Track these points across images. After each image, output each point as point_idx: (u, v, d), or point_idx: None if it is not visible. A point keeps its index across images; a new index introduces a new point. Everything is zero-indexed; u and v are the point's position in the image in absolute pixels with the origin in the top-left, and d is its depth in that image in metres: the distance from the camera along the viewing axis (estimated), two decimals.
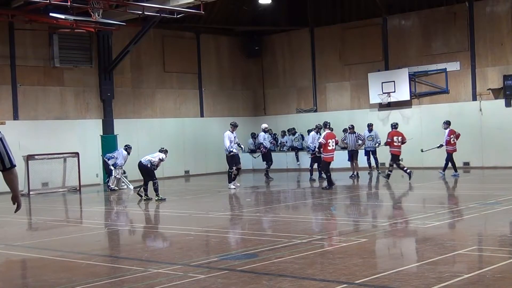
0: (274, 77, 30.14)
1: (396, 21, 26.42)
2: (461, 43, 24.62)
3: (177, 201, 17.55)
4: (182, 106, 27.74)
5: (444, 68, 24.95)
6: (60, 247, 10.44)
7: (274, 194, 18.38)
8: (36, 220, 14.56)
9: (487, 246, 9.21)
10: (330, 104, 28.36)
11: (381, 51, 26.60)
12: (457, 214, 12.51)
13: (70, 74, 24.10)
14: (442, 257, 8.17)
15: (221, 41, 29.47)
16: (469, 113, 24.09)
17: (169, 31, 26.91)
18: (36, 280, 7.66)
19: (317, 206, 15.46)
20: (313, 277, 7.28)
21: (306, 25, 28.79)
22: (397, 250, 9.51)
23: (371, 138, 23.44)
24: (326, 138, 18.33)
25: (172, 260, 8.81)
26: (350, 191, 18.69)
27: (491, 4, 24.13)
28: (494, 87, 23.80)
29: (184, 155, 26.99)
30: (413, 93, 25.64)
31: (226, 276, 7.54)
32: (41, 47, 23.36)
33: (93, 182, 23.54)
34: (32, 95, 23.00)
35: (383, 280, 7.07)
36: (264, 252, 8.98)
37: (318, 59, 28.59)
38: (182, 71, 27.70)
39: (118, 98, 25.27)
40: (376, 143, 23.34)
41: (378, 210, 14.43)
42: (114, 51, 24.83)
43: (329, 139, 18.26)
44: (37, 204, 18.30)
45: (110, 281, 7.64)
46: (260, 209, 14.84)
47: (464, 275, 7.15)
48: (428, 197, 16.13)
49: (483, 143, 23.88)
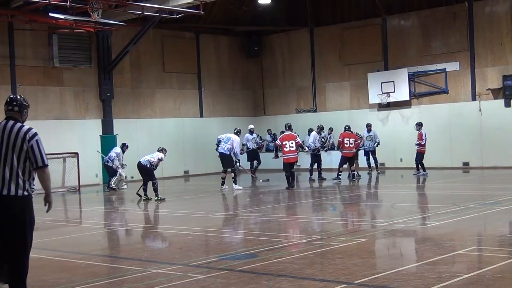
0: (274, 77, 30.14)
1: (395, 21, 26.42)
2: (460, 43, 24.62)
3: (176, 201, 17.55)
4: (181, 106, 27.74)
5: (444, 68, 24.95)
6: (60, 247, 10.45)
7: (273, 194, 18.37)
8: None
9: (487, 246, 9.22)
10: (330, 104, 28.36)
11: (381, 51, 26.61)
12: (457, 214, 12.50)
13: (70, 74, 24.09)
14: (442, 257, 8.18)
15: (221, 41, 29.47)
16: (469, 113, 24.10)
17: (168, 31, 26.90)
18: (36, 280, 7.66)
19: (317, 206, 15.46)
20: (313, 277, 7.29)
21: (305, 25, 28.79)
22: (396, 250, 9.51)
23: (370, 138, 23.45)
24: (281, 140, 19.16)
25: (172, 260, 8.81)
26: (349, 191, 18.69)
27: (490, 4, 24.13)
28: (494, 87, 23.80)
29: (183, 155, 26.99)
30: (413, 93, 25.64)
31: (226, 276, 7.55)
32: (41, 47, 23.36)
33: (93, 182, 23.53)
34: (32, 95, 22.95)
35: (383, 280, 7.07)
36: (263, 252, 8.98)
37: (318, 59, 28.59)
38: (182, 71, 27.69)
39: (117, 98, 25.26)
40: (375, 143, 23.34)
41: (377, 210, 14.43)
42: (114, 51, 24.82)
43: (284, 141, 18.93)
44: (37, 204, 18.24)
45: (110, 281, 7.65)
46: (259, 209, 14.83)
47: (464, 275, 7.15)
48: (427, 197, 16.14)
49: (483, 143, 23.88)
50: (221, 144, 19.59)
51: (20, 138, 6.28)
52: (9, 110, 6.48)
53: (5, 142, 6.29)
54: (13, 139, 6.28)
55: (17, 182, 6.26)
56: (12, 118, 6.43)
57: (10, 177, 6.25)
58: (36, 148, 6.30)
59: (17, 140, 6.28)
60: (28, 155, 6.29)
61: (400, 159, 25.20)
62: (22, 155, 6.29)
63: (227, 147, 19.32)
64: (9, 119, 6.44)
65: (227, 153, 19.35)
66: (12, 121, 6.41)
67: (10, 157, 6.26)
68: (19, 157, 6.28)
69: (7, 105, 6.49)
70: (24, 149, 6.28)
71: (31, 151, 6.28)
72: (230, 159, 19.48)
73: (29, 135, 6.30)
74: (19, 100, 6.54)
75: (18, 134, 6.29)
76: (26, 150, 6.28)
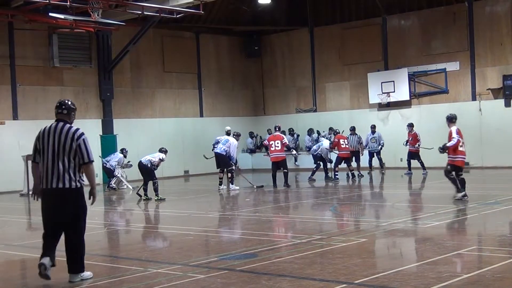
0: (274, 77, 30.14)
1: (395, 21, 26.42)
2: (460, 43, 24.62)
3: (176, 201, 17.55)
4: (181, 106, 27.74)
5: (444, 68, 24.95)
6: (59, 247, 10.42)
7: (273, 194, 18.36)
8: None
9: (487, 246, 9.22)
10: (330, 104, 28.36)
11: (381, 51, 26.61)
12: (457, 214, 12.51)
13: (70, 74, 24.10)
14: (442, 257, 8.17)
15: (221, 41, 29.47)
16: (469, 113, 24.08)
17: (168, 31, 26.90)
18: (35, 280, 7.66)
19: (317, 206, 15.45)
20: (313, 277, 7.28)
21: (305, 25, 28.79)
22: (396, 250, 9.51)
23: (374, 140, 23.41)
24: (268, 140, 19.90)
25: (172, 260, 8.81)
26: (349, 191, 18.68)
27: (490, 4, 24.13)
28: (494, 87, 23.81)
29: (183, 155, 26.99)
30: (413, 93, 25.64)
31: (226, 276, 7.54)
32: (41, 47, 23.36)
33: None
34: (32, 95, 23.01)
35: (383, 280, 7.07)
36: (263, 252, 8.97)
37: (318, 59, 28.59)
38: (182, 71, 27.70)
39: (117, 98, 25.26)
40: (379, 145, 23.30)
41: (377, 210, 14.42)
42: (114, 51, 24.83)
43: (271, 141, 19.63)
44: (37, 204, 18.24)
45: (110, 281, 7.64)
46: (260, 209, 14.83)
47: (464, 275, 7.15)
48: (427, 197, 16.13)
49: (483, 143, 23.89)
50: (218, 145, 19.68)
51: (69, 137, 7.36)
52: (59, 113, 7.56)
53: (57, 141, 7.36)
54: (63, 138, 7.36)
55: (70, 176, 7.35)
56: (62, 120, 7.51)
57: (63, 172, 7.33)
58: (83, 146, 7.39)
59: (67, 139, 7.36)
60: (76, 153, 7.36)
61: (400, 159, 25.16)
62: (71, 152, 7.37)
63: (224, 148, 19.38)
64: (59, 121, 7.51)
65: (223, 153, 19.39)
66: (62, 122, 7.49)
67: (62, 155, 7.34)
68: (69, 154, 7.36)
69: (57, 109, 7.58)
70: (73, 147, 7.36)
71: (78, 149, 7.37)
72: (226, 159, 19.46)
73: (77, 135, 7.40)
74: (67, 104, 7.61)
75: (67, 134, 7.38)
76: (74, 149, 7.36)
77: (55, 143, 7.37)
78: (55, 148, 7.36)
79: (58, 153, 7.35)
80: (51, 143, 7.39)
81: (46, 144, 7.42)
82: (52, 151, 7.36)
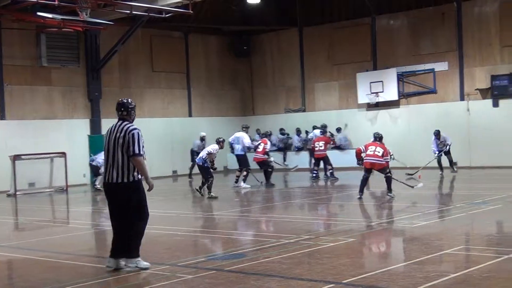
0: (263, 76, 30.14)
1: (384, 21, 26.47)
2: (449, 43, 24.71)
3: (164, 201, 17.49)
4: (170, 105, 27.68)
5: (432, 68, 25.02)
6: (47, 248, 10.39)
7: (262, 194, 18.35)
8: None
9: (474, 246, 9.26)
10: (319, 104, 28.39)
11: (370, 51, 26.65)
12: (444, 214, 12.55)
13: (58, 74, 23.98)
14: (429, 256, 8.20)
15: (210, 41, 29.43)
16: (457, 113, 24.18)
17: (157, 31, 26.82)
18: (22, 281, 7.62)
19: (304, 206, 15.46)
20: (301, 277, 7.28)
21: (295, 24, 28.81)
22: (384, 250, 9.53)
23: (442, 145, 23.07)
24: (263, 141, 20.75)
25: (160, 260, 8.78)
26: (338, 190, 18.70)
27: (479, 4, 24.23)
28: (482, 87, 23.90)
29: (172, 155, 26.92)
30: (401, 93, 25.70)
31: (214, 276, 7.53)
32: (29, 46, 23.23)
33: (80, 182, 23.43)
34: (19, 95, 22.86)
35: (370, 280, 7.08)
36: (251, 252, 8.97)
37: (307, 59, 28.61)
38: (170, 71, 27.63)
39: (105, 98, 25.13)
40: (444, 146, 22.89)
41: (365, 210, 14.44)
42: (102, 50, 24.72)
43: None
44: (24, 204, 18.18)
45: (97, 282, 7.61)
46: (248, 209, 14.81)
47: (451, 275, 7.17)
48: (415, 197, 16.15)
49: (471, 143, 23.97)
50: (234, 146, 20.46)
51: (123, 133, 7.89)
52: (120, 114, 8.13)
53: (115, 139, 7.90)
54: (119, 135, 7.90)
55: (129, 171, 7.88)
56: (123, 119, 8.09)
57: (122, 167, 7.85)
58: (131, 139, 7.85)
59: (121, 135, 7.90)
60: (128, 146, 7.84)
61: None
62: (124, 146, 7.87)
63: (240, 147, 20.18)
64: (120, 120, 8.09)
65: (242, 153, 20.25)
66: (122, 121, 8.07)
67: (119, 152, 7.86)
68: (122, 148, 7.86)
69: (117, 110, 8.14)
70: (125, 141, 7.85)
71: (127, 142, 7.84)
72: (245, 159, 20.24)
73: (129, 129, 7.92)
74: (126, 104, 8.18)
75: (122, 131, 7.92)
76: (126, 142, 7.85)
77: (114, 141, 7.92)
78: (115, 146, 7.91)
79: (117, 150, 7.87)
80: (112, 140, 7.95)
81: (108, 142, 8.01)
82: (113, 147, 7.92)
